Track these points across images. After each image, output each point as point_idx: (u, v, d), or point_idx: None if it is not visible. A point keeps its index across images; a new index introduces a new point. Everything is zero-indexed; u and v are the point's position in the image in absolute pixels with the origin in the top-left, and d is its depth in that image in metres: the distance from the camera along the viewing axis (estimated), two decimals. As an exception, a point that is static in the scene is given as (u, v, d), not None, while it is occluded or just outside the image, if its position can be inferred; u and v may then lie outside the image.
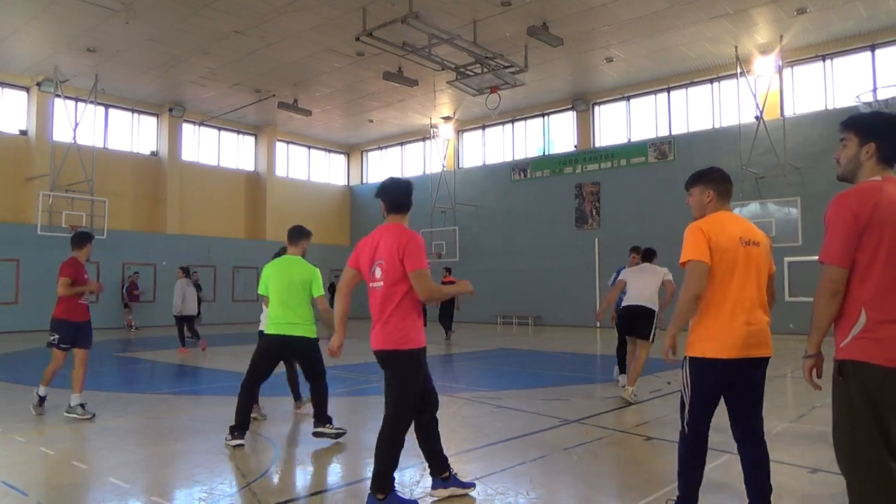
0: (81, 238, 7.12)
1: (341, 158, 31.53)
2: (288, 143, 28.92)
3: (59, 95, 19.68)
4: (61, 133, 20.85)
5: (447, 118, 25.95)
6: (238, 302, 25.58)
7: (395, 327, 3.86)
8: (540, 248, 23.68)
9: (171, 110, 23.96)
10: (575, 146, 23.81)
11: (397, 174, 29.14)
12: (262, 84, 21.62)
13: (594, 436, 5.88)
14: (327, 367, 6.19)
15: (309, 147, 29.95)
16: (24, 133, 21.30)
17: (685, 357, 3.38)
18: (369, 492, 3.79)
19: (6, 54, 18.97)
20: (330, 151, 30.88)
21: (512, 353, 13.84)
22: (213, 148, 26.62)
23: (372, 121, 26.57)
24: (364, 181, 31.39)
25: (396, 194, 4.17)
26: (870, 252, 2.48)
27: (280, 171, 28.35)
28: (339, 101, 23.88)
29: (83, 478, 4.71)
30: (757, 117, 18.40)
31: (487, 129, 26.64)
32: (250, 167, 27.74)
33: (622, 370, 8.47)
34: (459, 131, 27.16)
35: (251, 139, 27.73)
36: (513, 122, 25.70)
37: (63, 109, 19.92)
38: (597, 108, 23.61)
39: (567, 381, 9.69)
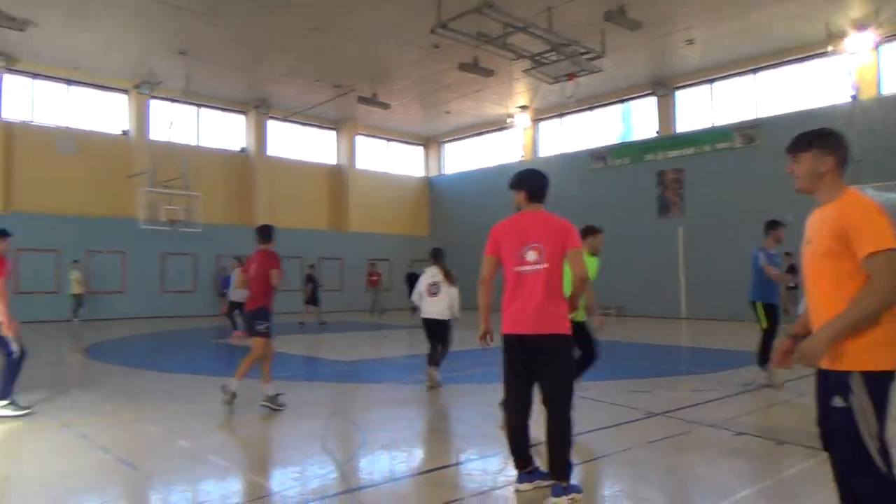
0: (268, 231, 7.13)
1: (419, 150, 31.88)
2: (368, 136, 29.50)
3: (154, 97, 20.87)
4: (159, 132, 22.09)
5: (523, 107, 25.77)
6: (323, 292, 26.37)
7: (557, 311, 3.91)
8: (621, 237, 23.09)
9: (256, 107, 24.93)
10: (656, 132, 23.14)
11: (475, 165, 29.40)
12: (342, 79, 22.13)
13: (680, 429, 5.77)
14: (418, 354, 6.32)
15: (388, 139, 30.45)
16: (125, 133, 22.68)
17: (852, 373, 2.53)
18: (554, 481, 3.78)
19: (108, 60, 20.24)
20: (408, 143, 31.28)
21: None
22: (297, 143, 27.51)
23: (449, 112, 26.71)
24: (441, 172, 31.62)
25: (540, 183, 4.23)
26: None
27: (361, 163, 28.98)
28: (416, 94, 24.14)
29: (186, 455, 5.04)
30: (853, 97, 17.32)
31: (565, 117, 26.25)
32: (332, 161, 28.51)
33: (764, 364, 7.70)
34: (536, 120, 26.91)
35: (333, 133, 28.47)
36: (591, 109, 25.22)
37: (159, 110, 21.11)
38: (678, 92, 22.84)
39: (650, 373, 9.51)
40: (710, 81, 21.91)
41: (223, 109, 25.11)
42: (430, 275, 8.13)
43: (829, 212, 2.68)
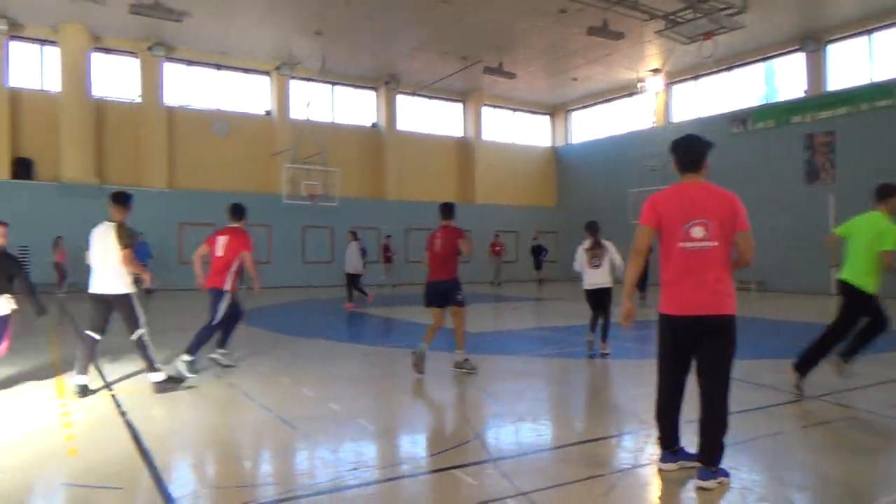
0: (450, 208, 7.75)
1: (545, 119, 31.43)
2: (494, 106, 29.48)
3: (293, 77, 22.06)
4: (298, 111, 23.38)
5: (655, 70, 24.63)
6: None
7: (728, 291, 3.77)
8: (763, 207, 21.63)
9: (386, 83, 25.65)
10: (804, 92, 21.31)
11: (603, 133, 28.57)
12: (468, 51, 22.23)
13: (834, 415, 5.45)
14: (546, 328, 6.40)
15: (513, 109, 30.26)
16: (268, 113, 24.21)
17: None
18: (702, 464, 3.73)
19: (251, 45, 21.64)
20: (534, 113, 30.92)
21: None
22: (425, 116, 28.03)
23: (576, 79, 26.07)
24: (568, 141, 31.03)
25: (690, 152, 3.97)
26: None
27: (486, 135, 29.06)
28: (543, 62, 23.76)
29: (338, 418, 5.45)
30: None
31: (701, 79, 24.79)
32: (459, 133, 28.81)
33: None
34: (669, 84, 25.63)
35: (459, 106, 28.71)
36: (730, 69, 23.62)
37: (298, 90, 22.33)
38: (830, 46, 20.83)
39: (797, 353, 8.95)
40: (869, 32, 19.81)
41: (355, 86, 26.06)
42: (587, 247, 8.45)
43: None
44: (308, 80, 23.18)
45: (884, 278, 5.86)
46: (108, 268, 6.07)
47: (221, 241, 7.57)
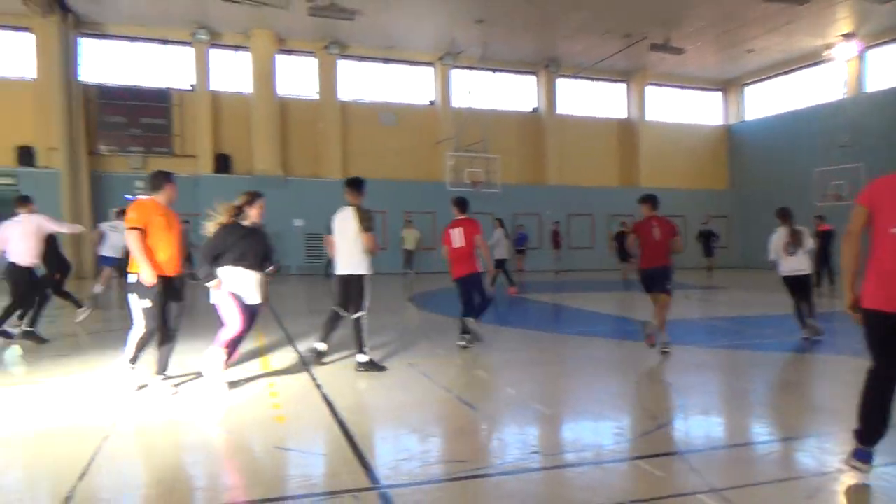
0: (653, 199, 7.79)
1: (716, 96, 29.45)
2: (659, 85, 28.14)
3: (456, 66, 22.59)
4: (460, 99, 23.94)
5: (847, 35, 22.13)
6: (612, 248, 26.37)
7: None
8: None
9: (546, 67, 25.42)
10: None
11: (782, 108, 26.22)
12: (632, 28, 21.40)
13: None
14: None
15: (681, 87, 28.68)
16: (432, 103, 25.01)
17: None
18: (859, 445, 3.61)
19: (416, 36, 22.48)
20: (704, 90, 29.09)
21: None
22: (586, 99, 27.43)
23: (752, 50, 24.15)
24: (742, 118, 28.85)
25: None
26: None
27: (651, 115, 27.84)
28: (714, 34, 22.26)
29: (513, 401, 5.59)
30: None
31: (907, 41, 21.92)
32: (622, 114, 27.86)
33: None
34: (864, 49, 22.91)
35: (622, 86, 27.75)
36: (945, 27, 20.64)
37: (460, 78, 22.84)
38: None
39: None
40: None
41: (515, 72, 26.10)
42: (783, 234, 8.31)
43: None
44: (469, 68, 23.61)
45: None
46: (349, 250, 6.56)
47: (456, 232, 8.16)
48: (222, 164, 22.30)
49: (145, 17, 20.86)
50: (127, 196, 21.61)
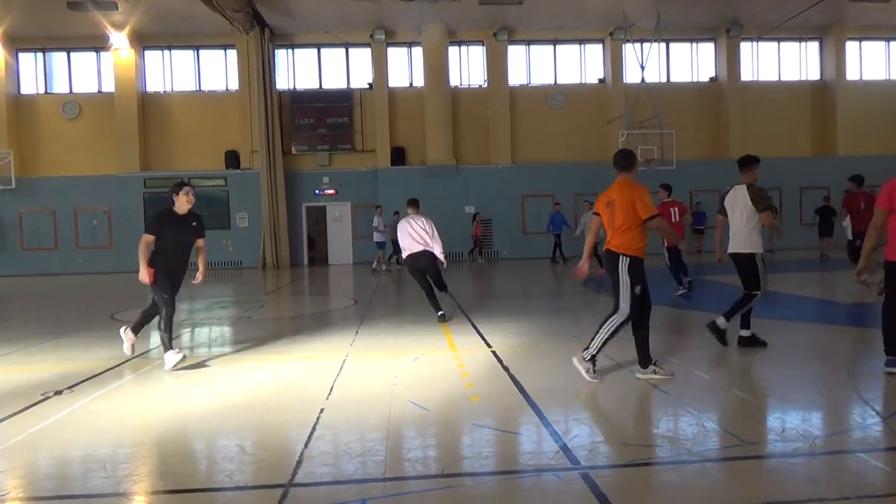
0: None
1: (934, 45, 25.54)
2: (860, 39, 24.97)
3: (628, 40, 21.73)
4: (631, 75, 23.06)
5: None
6: (806, 226, 24.01)
7: None
8: None
9: (727, 31, 23.62)
10: None
11: None
12: (830, -23, 19.19)
13: None
14: None
15: (888, 40, 25.21)
16: (601, 81, 24.34)
17: None
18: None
19: (586, 13, 22.00)
20: (919, 39, 25.36)
21: None
22: (773, 62, 25.10)
23: (985, -14, 20.56)
24: (972, 68, 24.76)
25: None
26: None
27: (851, 74, 24.81)
28: (935, -27, 19.29)
29: (708, 385, 5.32)
30: None
31: None
32: (815, 76, 25.15)
33: None
34: None
35: (815, 45, 25.02)
36: None
37: (631, 53, 21.97)
38: None
39: None
40: None
41: (692, 40, 24.59)
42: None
43: None
44: (641, 41, 22.58)
45: None
46: (740, 228, 6.65)
47: (675, 210, 11.10)
48: (398, 156, 23.45)
49: (329, 24, 22.44)
50: (316, 191, 23.58)
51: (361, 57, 23.99)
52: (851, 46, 24.93)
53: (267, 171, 22.49)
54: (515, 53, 24.06)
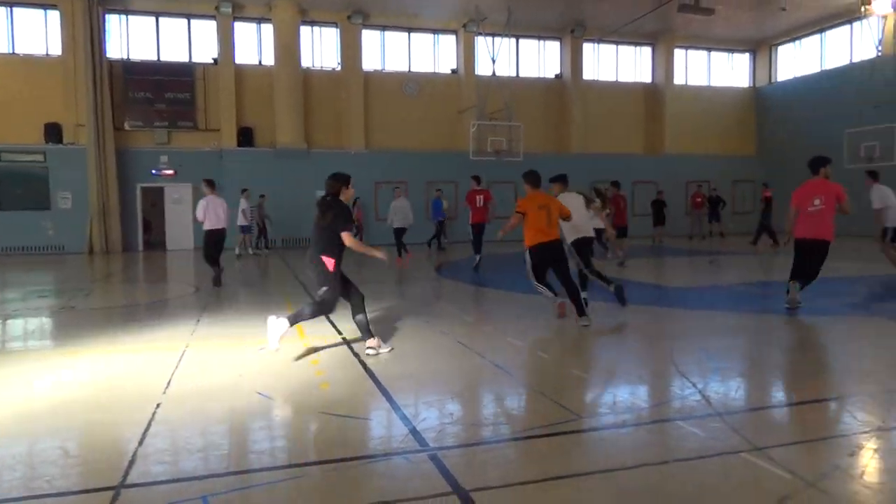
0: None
1: (745, 58, 28.75)
2: (686, 47, 27.54)
3: (480, 33, 22.32)
4: (483, 67, 23.73)
5: (885, -10, 21.38)
6: (637, 216, 26.14)
7: None
8: None
9: (572, 31, 25.02)
10: None
11: (814, 67, 25.55)
12: (662, -13, 20.92)
13: None
14: None
15: (709, 49, 28.03)
16: (454, 72, 24.80)
17: None
18: None
19: (439, 4, 22.28)
20: (733, 51, 28.41)
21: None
22: (611, 64, 26.97)
23: (784, 8, 23.40)
24: (773, 80, 28.17)
25: None
26: None
27: (678, 78, 27.31)
28: (746, -7, 21.70)
29: (550, 366, 5.65)
30: None
31: (947, -4, 21.12)
32: (647, 79, 27.38)
33: None
34: (901, 5, 22.14)
35: (648, 50, 27.23)
36: None
37: (483, 46, 22.61)
38: None
39: None
40: None
41: (540, 37, 25.74)
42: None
43: None
44: (493, 35, 23.28)
45: None
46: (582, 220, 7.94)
47: (481, 197, 12.70)
48: (245, 137, 22.41)
49: (168, -10, 20.87)
50: (153, 171, 21.92)
51: (206, 29, 22.57)
52: (679, 54, 27.40)
53: (95, 146, 20.51)
54: (370, 38, 23.83)
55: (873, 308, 8.84)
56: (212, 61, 22.45)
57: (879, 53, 22.11)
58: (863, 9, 21.96)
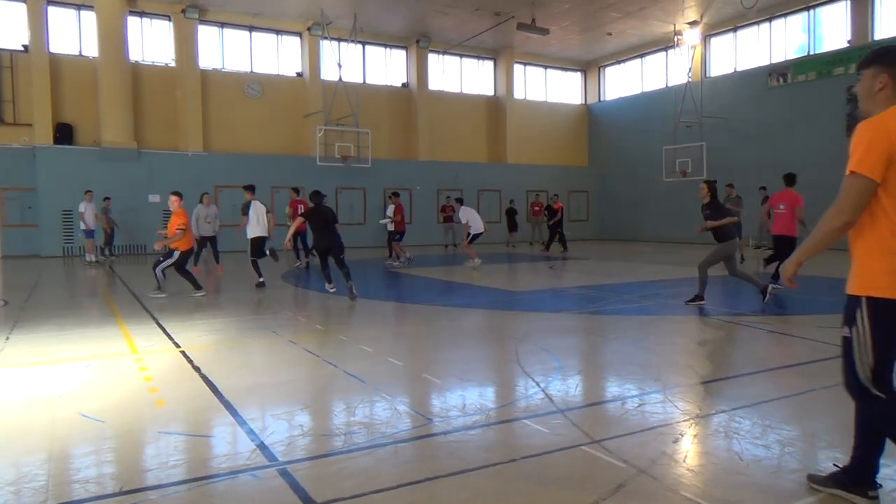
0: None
1: (578, 76, 30.94)
2: (525, 64, 29.09)
3: (325, 38, 21.98)
4: (329, 72, 23.38)
5: (693, 23, 24.04)
6: (489, 222, 27.15)
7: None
8: (801, 162, 21.26)
9: (418, 42, 25.43)
10: (848, 42, 20.68)
11: (637, 89, 28.08)
12: (501, 6, 21.91)
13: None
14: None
15: (545, 67, 29.82)
16: (300, 75, 24.23)
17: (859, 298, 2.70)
18: None
19: (284, 4, 21.60)
20: (566, 70, 30.45)
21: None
22: (456, 75, 27.79)
23: (611, 34, 25.57)
24: (601, 98, 30.56)
25: None
26: None
27: (518, 93, 28.75)
28: (577, 16, 23.34)
29: (401, 372, 5.67)
30: None
31: (740, 32, 24.16)
32: (490, 92, 28.54)
33: None
34: (707, 36, 25.02)
35: (490, 64, 28.39)
36: (770, 20, 22.96)
37: (329, 50, 22.28)
38: (880, -8, 20.11)
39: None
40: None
41: (387, 46, 25.90)
42: None
43: None
44: (339, 40, 23.07)
45: None
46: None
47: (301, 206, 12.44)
48: (64, 134, 20.32)
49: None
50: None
51: (14, 12, 20.18)
52: (518, 69, 28.85)
53: None
54: (207, 34, 22.61)
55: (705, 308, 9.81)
56: (22, 48, 20.14)
57: (689, 79, 24.77)
58: (675, 39, 24.51)
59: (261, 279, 11.68)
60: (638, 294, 9.47)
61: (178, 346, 6.60)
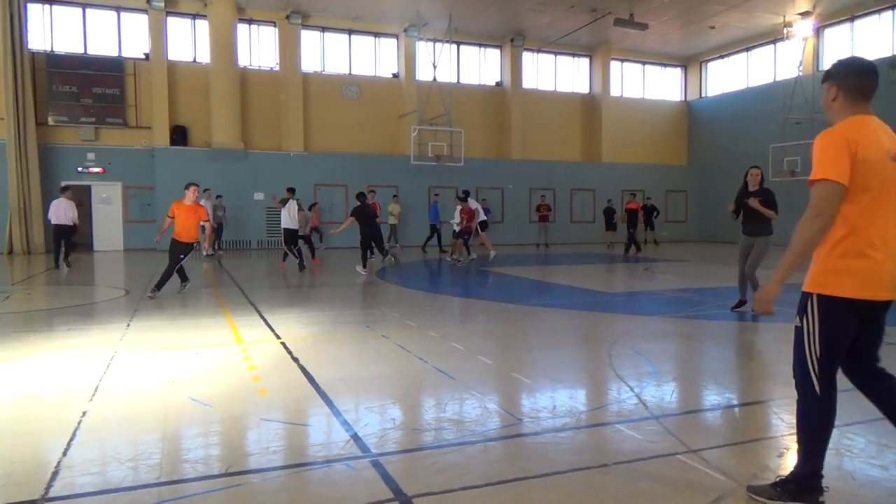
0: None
1: (677, 72, 29.85)
2: (622, 60, 28.38)
3: (421, 39, 22.34)
4: (424, 73, 23.74)
5: (805, 13, 22.65)
6: (576, 223, 26.73)
7: None
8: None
9: (512, 40, 25.36)
10: None
11: (741, 84, 26.77)
12: (597, 2, 21.47)
13: None
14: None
15: (643, 63, 28.98)
16: (395, 76, 24.74)
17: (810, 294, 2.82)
18: None
19: (382, 7, 22.14)
20: (665, 66, 29.46)
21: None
22: (550, 73, 27.49)
23: (713, 27, 24.50)
24: (703, 95, 29.34)
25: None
26: None
27: (614, 90, 28.08)
28: (678, 10, 22.52)
29: (491, 370, 5.68)
30: None
31: (857, 21, 22.51)
32: (585, 89, 28.04)
33: None
34: (821, 27, 23.49)
35: (585, 61, 27.89)
36: (894, 7, 21.23)
37: (424, 51, 22.62)
38: None
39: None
40: None
41: (481, 45, 25.99)
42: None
43: None
44: (434, 40, 23.37)
45: None
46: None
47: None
48: (179, 135, 21.73)
49: (97, -18, 20.05)
50: (79, 169, 20.98)
51: (136, 24, 21.76)
52: (615, 66, 28.18)
53: (15, 141, 19.46)
54: (309, 39, 23.52)
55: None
56: (143, 57, 21.68)
57: (800, 73, 23.35)
58: (785, 31, 23.18)
59: (298, 260, 14.11)
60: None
61: (278, 337, 6.91)
